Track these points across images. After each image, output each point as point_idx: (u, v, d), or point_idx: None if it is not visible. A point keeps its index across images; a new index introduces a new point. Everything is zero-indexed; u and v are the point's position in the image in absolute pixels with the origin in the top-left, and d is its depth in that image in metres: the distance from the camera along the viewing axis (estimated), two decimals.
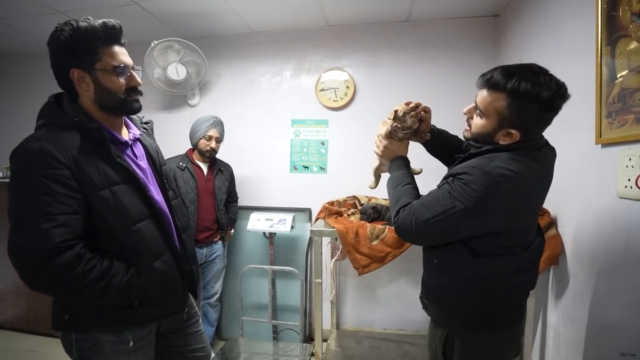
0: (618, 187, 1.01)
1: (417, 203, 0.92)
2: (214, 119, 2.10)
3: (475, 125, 0.90)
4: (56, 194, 0.79)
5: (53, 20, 0.93)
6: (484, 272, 0.91)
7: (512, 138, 0.85)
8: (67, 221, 0.79)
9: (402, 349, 2.08)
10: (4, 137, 2.99)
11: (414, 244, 1.03)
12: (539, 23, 1.63)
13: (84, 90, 0.89)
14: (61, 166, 0.80)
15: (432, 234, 0.90)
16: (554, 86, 0.79)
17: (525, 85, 0.78)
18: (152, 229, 0.94)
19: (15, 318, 2.54)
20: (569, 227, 1.33)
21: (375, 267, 1.71)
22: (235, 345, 2.24)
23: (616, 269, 1.04)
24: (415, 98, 2.51)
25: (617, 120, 1.02)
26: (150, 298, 0.93)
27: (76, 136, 0.84)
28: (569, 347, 1.28)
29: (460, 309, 0.96)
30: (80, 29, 0.83)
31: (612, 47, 1.04)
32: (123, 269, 0.87)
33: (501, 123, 0.84)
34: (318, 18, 2.27)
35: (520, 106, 0.80)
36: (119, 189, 0.88)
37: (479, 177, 0.81)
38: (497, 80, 0.82)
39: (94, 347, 0.89)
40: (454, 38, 2.26)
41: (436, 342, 1.02)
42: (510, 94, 0.80)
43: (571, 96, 0.83)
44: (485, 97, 0.85)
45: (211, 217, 2.10)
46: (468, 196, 0.82)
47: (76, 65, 0.85)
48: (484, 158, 0.86)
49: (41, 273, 0.77)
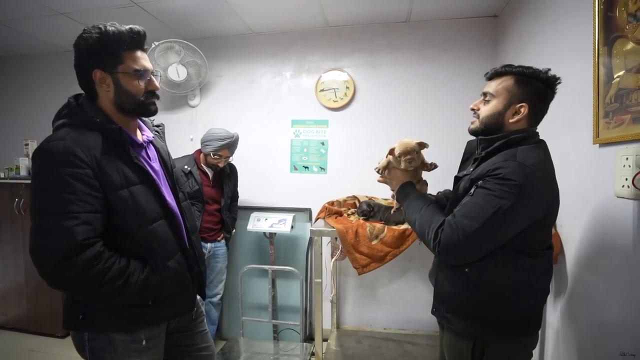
0: (615, 186, 1.01)
1: (457, 217, 0.89)
2: (229, 139, 1.96)
3: (485, 111, 0.98)
4: (79, 193, 0.80)
5: (54, 22, 0.94)
6: (521, 276, 0.91)
7: (521, 114, 0.93)
8: (89, 219, 0.81)
9: (403, 349, 2.09)
10: (4, 138, 3.01)
11: (465, 261, 0.92)
12: (537, 23, 1.64)
13: (104, 92, 0.91)
14: (84, 165, 0.82)
15: (487, 242, 0.88)
16: (547, 71, 0.94)
17: (527, 69, 0.94)
18: (166, 229, 0.96)
19: (16, 318, 2.55)
20: (567, 227, 1.34)
21: (375, 267, 1.72)
22: (236, 345, 2.25)
23: (614, 268, 1.05)
24: (415, 98, 2.52)
25: (614, 120, 1.03)
26: (163, 297, 0.94)
27: (98, 137, 0.87)
28: (568, 346, 1.29)
29: (496, 317, 0.93)
30: (107, 33, 0.87)
31: (609, 48, 1.05)
32: (140, 267, 0.89)
33: (511, 99, 0.94)
34: (318, 19, 2.29)
35: (527, 83, 0.93)
36: (136, 189, 0.90)
37: (514, 169, 0.85)
38: (504, 69, 0.96)
39: (107, 347, 0.90)
40: (453, 38, 2.27)
41: (460, 353, 0.98)
42: (517, 74, 0.94)
43: (569, 93, 0.85)
44: (495, 83, 0.97)
45: (215, 218, 2.11)
46: (511, 190, 0.84)
47: (99, 66, 0.88)
48: (505, 154, 0.91)
49: (64, 271, 0.78)
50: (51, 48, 2.74)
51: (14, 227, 2.50)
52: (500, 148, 0.93)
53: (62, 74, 2.75)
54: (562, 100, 1.39)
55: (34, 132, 2.69)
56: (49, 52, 2.80)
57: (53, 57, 2.82)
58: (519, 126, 0.95)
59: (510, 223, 0.87)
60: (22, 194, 2.47)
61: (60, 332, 2.42)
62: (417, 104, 2.33)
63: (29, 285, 2.47)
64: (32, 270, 2.42)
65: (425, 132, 2.29)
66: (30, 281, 2.46)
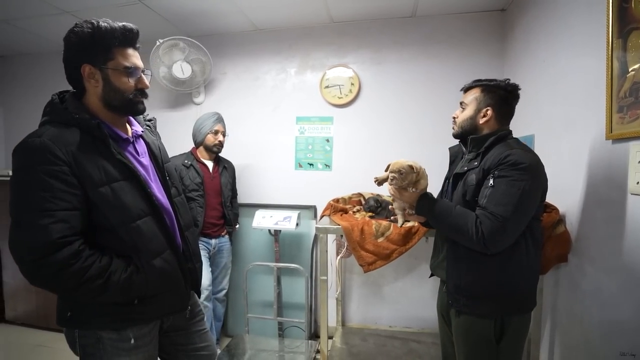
0: (630, 183, 0.99)
1: (490, 208, 1.00)
2: (217, 114, 2.14)
3: (461, 117, 1.19)
4: (55, 190, 0.79)
5: (59, 20, 0.94)
6: (528, 255, 1.07)
7: (488, 116, 1.13)
8: (66, 217, 0.80)
9: (408, 347, 2.08)
10: (9, 137, 3.04)
11: (507, 245, 1.03)
12: (547, 17, 1.60)
13: (92, 87, 0.90)
14: (60, 162, 0.80)
15: (523, 220, 1.02)
16: (506, 80, 1.14)
17: (490, 81, 1.15)
18: (153, 226, 0.94)
19: (25, 314, 2.58)
20: (577, 225, 1.31)
21: (380, 265, 1.70)
22: (241, 342, 2.26)
23: (627, 267, 1.02)
24: (420, 94, 2.50)
25: (628, 115, 1.00)
26: (150, 296, 0.92)
27: (76, 133, 0.85)
28: (578, 346, 1.27)
29: (514, 294, 1.07)
30: (100, 28, 0.86)
31: (623, 40, 1.02)
32: (122, 266, 0.87)
33: (479, 105, 1.15)
34: (322, 15, 2.26)
35: (490, 91, 1.14)
36: (118, 185, 0.88)
37: (520, 155, 1.02)
38: (474, 83, 1.18)
39: (96, 344, 0.90)
40: (459, 34, 2.23)
41: (482, 332, 1.09)
42: (482, 86, 1.16)
43: (580, 87, 0.83)
44: (468, 94, 1.20)
45: (218, 213, 2.12)
46: (525, 171, 1.00)
47: (88, 61, 0.88)
48: (502, 146, 1.09)
49: (40, 269, 0.78)
50: (56, 47, 2.75)
51: None
52: (494, 143, 1.11)
53: None
54: (572, 96, 1.36)
55: None
56: (54, 50, 2.81)
57: (58, 56, 2.77)
58: (490, 125, 1.15)
59: (534, 198, 1.03)
60: None
61: None
62: (422, 101, 2.30)
63: None
64: None
65: (430, 128, 2.26)
66: None
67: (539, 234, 1.11)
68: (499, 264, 1.06)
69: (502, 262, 1.06)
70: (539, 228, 1.12)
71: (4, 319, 2.66)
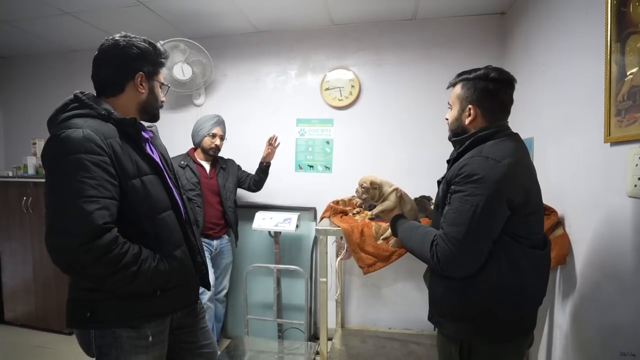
0: (627, 186, 0.99)
1: (445, 229, 0.90)
2: (217, 117, 2.14)
3: (449, 119, 1.07)
4: (99, 179, 0.83)
5: (61, 21, 0.95)
6: (511, 276, 0.91)
7: (472, 115, 0.99)
8: (108, 205, 0.83)
9: (407, 348, 2.08)
10: (12, 137, 3.04)
11: (471, 269, 0.90)
12: (546, 20, 1.61)
13: (137, 92, 1.00)
14: (103, 153, 0.85)
15: (480, 241, 0.88)
16: (486, 67, 0.99)
17: (469, 72, 1.00)
18: (174, 219, 1.01)
19: (25, 315, 2.58)
20: (576, 227, 1.32)
21: (380, 266, 1.71)
22: (241, 343, 2.26)
23: (626, 269, 1.02)
24: (421, 97, 2.51)
25: (626, 118, 1.00)
26: (170, 288, 0.96)
27: (112, 127, 0.91)
28: (577, 348, 1.27)
29: (486, 319, 0.93)
30: (157, 48, 1.03)
31: (622, 44, 1.02)
32: (151, 255, 0.91)
33: (462, 104, 1.01)
34: (323, 17, 2.27)
35: (469, 86, 0.99)
36: (148, 179, 0.94)
37: (477, 163, 0.89)
38: (455, 79, 1.05)
39: (113, 343, 0.91)
40: (459, 36, 2.24)
41: (450, 355, 0.99)
42: (462, 81, 1.02)
43: (579, 91, 0.83)
44: (450, 94, 1.07)
45: (218, 213, 2.12)
46: (479, 184, 0.86)
47: (143, 71, 1.00)
48: (472, 151, 0.94)
49: (83, 255, 0.79)
50: (57, 47, 2.76)
51: (22, 225, 2.53)
52: (469, 147, 0.97)
53: (68, 73, 2.78)
54: (571, 99, 1.37)
55: (41, 132, 2.69)
56: (56, 51, 2.82)
57: (59, 57, 2.84)
58: (477, 124, 0.99)
59: (492, 215, 0.87)
60: (30, 192, 2.49)
61: (68, 329, 2.45)
62: (422, 103, 2.30)
63: (37, 283, 2.49)
64: (41, 268, 2.50)
65: (430, 131, 2.27)
66: (39, 278, 2.48)
67: (519, 254, 0.92)
68: (463, 284, 0.93)
69: (466, 283, 0.93)
70: (520, 247, 0.92)
71: (3, 320, 2.66)
